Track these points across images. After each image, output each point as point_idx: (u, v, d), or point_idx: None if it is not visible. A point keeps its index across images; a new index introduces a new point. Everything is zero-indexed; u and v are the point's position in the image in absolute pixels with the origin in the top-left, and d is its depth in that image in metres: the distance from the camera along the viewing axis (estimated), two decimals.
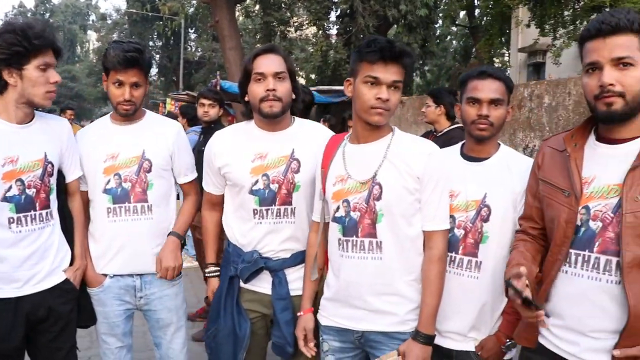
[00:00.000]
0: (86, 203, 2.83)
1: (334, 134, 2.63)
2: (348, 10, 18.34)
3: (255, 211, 2.52)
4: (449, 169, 2.32)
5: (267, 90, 2.43)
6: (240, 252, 2.58)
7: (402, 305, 2.24)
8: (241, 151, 2.55)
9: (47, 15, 61.95)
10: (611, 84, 1.77)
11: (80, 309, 2.75)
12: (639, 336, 1.77)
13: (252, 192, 2.52)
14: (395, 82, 2.14)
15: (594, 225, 1.85)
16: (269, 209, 2.51)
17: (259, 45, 26.42)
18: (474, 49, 24.00)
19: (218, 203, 2.74)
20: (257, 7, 22.68)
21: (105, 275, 2.79)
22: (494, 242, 2.28)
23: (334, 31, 21.05)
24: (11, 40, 2.34)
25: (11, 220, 2.43)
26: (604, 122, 1.89)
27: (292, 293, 2.54)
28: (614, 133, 1.88)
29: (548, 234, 2.06)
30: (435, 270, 2.21)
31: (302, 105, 4.17)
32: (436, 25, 25.27)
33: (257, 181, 2.50)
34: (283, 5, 20.67)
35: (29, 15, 60.27)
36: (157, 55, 38.17)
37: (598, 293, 1.83)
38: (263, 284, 2.57)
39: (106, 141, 2.78)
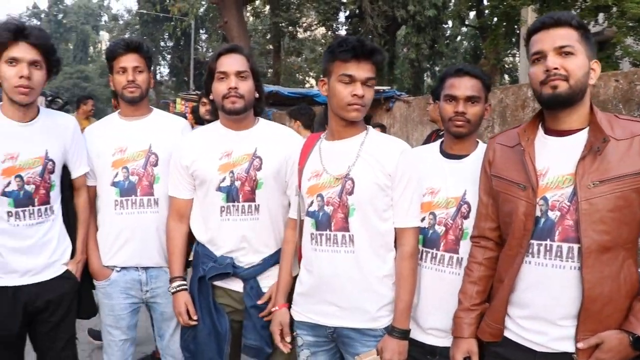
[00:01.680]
0: (93, 198, 2.92)
1: (301, 137, 2.73)
2: (357, 11, 18.45)
3: (223, 208, 2.58)
4: (428, 166, 2.40)
5: (229, 88, 2.51)
6: (210, 253, 2.62)
7: (374, 302, 2.28)
8: (208, 149, 2.61)
9: (60, 16, 62.56)
10: (556, 68, 1.90)
11: (80, 300, 2.84)
12: (595, 319, 1.87)
13: (219, 189, 2.57)
14: (368, 79, 2.24)
15: (553, 215, 1.94)
16: (234, 206, 2.57)
17: (269, 46, 26.59)
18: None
19: (185, 213, 2.71)
20: (266, 8, 22.81)
21: (112, 268, 2.88)
22: None
23: (343, 32, 21.15)
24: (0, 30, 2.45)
25: (9, 214, 2.54)
26: (549, 106, 1.98)
27: (264, 291, 2.60)
28: (561, 124, 1.99)
29: (503, 229, 2.13)
30: (408, 267, 2.27)
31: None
32: (446, 26, 25.32)
33: (224, 178, 2.56)
34: (292, 6, 20.78)
35: (42, 16, 60.92)
36: (169, 56, 38.47)
37: (562, 280, 1.92)
38: (233, 283, 2.61)
39: (114, 135, 2.86)
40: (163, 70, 40.77)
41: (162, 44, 38.89)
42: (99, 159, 2.84)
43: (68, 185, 2.80)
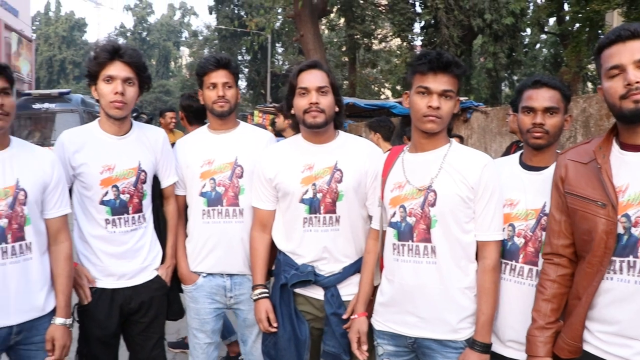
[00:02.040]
0: (182, 206, 3.08)
1: (377, 147, 2.80)
2: (432, 21, 18.30)
3: (305, 219, 2.67)
4: (508, 178, 2.40)
5: (310, 103, 2.59)
6: (292, 262, 2.71)
7: (455, 313, 2.31)
8: (290, 162, 2.72)
9: (145, 34, 65.41)
10: (638, 82, 1.84)
11: (169, 303, 3.02)
12: None
13: (302, 201, 2.67)
14: (445, 91, 2.27)
15: (636, 231, 1.88)
16: (316, 217, 2.66)
17: (344, 58, 26.79)
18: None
19: (268, 224, 2.82)
20: (341, 20, 23.01)
21: (199, 274, 3.02)
22: None
23: (418, 42, 21.04)
24: (99, 51, 2.70)
25: (107, 221, 2.76)
26: (631, 120, 1.91)
27: (344, 299, 2.68)
28: (639, 138, 1.93)
29: (580, 246, 2.07)
30: (490, 280, 2.28)
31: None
32: (524, 34, 24.69)
33: (307, 190, 2.66)
34: (367, 18, 20.86)
35: (128, 34, 63.92)
36: (246, 69, 39.46)
37: None
38: (314, 290, 2.70)
39: (203, 148, 3.00)
40: (241, 84, 41.83)
41: (239, 58, 39.94)
42: (188, 170, 2.99)
43: (158, 194, 2.98)
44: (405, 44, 19.84)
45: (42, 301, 2.49)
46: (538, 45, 33.65)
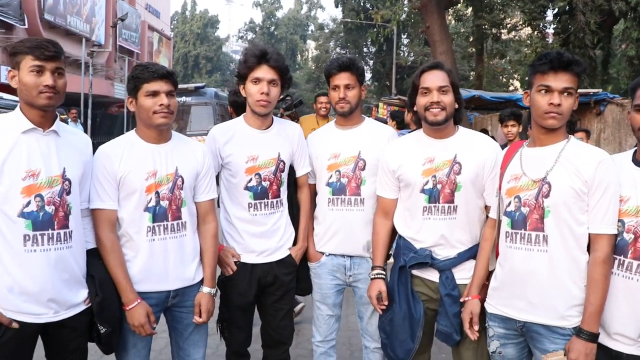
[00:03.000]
0: (313, 194, 3.39)
1: (497, 144, 2.94)
2: (567, 8, 17.28)
3: (425, 208, 2.88)
4: (619, 175, 2.41)
5: (432, 102, 2.80)
6: (411, 246, 2.93)
7: (564, 301, 2.40)
8: (412, 155, 2.94)
9: (272, 28, 67.55)
10: None
11: (299, 280, 3.39)
12: None
13: (422, 191, 2.88)
14: (566, 88, 2.39)
15: None
16: (435, 207, 2.87)
17: (471, 49, 26.12)
18: None
19: (390, 211, 3.07)
20: (469, 10, 22.42)
21: (323, 253, 3.34)
22: None
23: (550, 31, 20.03)
24: (248, 56, 3.06)
25: (250, 205, 3.14)
26: None
27: (458, 282, 2.85)
28: None
29: None
30: (600, 272, 2.34)
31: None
32: None
33: (427, 182, 2.87)
34: (496, 7, 20.18)
35: (257, 29, 66.36)
36: (371, 61, 39.62)
37: None
38: (430, 273, 2.91)
39: (330, 143, 3.31)
40: (366, 76, 42.03)
41: (364, 50, 40.20)
42: (317, 162, 3.31)
43: (292, 183, 3.32)
44: (536, 32, 18.92)
45: (192, 272, 2.90)
46: None
